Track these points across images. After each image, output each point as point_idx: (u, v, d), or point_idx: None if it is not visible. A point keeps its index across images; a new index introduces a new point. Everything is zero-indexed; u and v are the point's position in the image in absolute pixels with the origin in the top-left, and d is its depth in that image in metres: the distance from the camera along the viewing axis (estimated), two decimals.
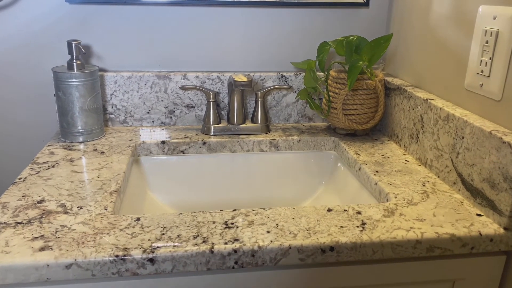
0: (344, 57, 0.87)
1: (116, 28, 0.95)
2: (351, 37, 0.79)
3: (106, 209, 0.64)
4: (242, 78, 0.83)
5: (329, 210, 0.65)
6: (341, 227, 0.60)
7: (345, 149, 0.89)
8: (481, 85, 0.69)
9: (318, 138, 0.95)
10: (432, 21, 0.84)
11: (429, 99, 0.80)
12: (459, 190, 0.71)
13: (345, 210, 0.65)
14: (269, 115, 1.02)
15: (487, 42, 0.67)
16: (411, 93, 0.85)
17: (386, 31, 1.03)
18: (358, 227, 0.60)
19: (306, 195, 0.96)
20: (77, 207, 0.64)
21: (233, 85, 0.85)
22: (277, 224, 0.60)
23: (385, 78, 0.97)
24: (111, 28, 0.95)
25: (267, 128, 0.97)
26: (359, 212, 0.64)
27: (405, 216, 0.64)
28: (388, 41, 0.78)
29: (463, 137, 0.69)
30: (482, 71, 0.69)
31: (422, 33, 0.88)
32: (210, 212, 0.63)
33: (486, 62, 0.68)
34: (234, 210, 0.64)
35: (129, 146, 0.87)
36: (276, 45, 1.01)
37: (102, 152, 0.84)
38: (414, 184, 0.74)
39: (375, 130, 1.00)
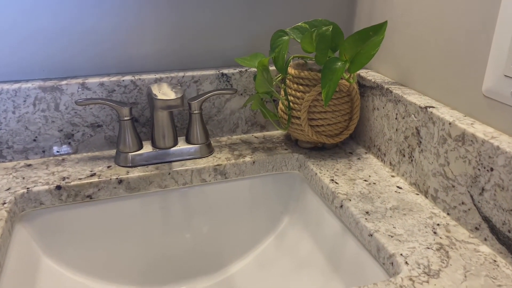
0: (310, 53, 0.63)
1: None
2: (324, 28, 0.54)
3: None
4: (168, 95, 0.56)
5: None
6: None
7: (316, 173, 0.67)
8: None
9: (277, 156, 0.72)
10: None
11: (429, 107, 0.59)
12: (485, 239, 0.51)
13: None
14: (209, 128, 0.77)
15: None
16: (399, 96, 0.64)
17: (355, 7, 0.79)
18: None
19: (267, 233, 0.73)
20: None
21: (155, 105, 0.58)
22: None
23: (358, 72, 0.74)
24: None
25: (208, 148, 0.71)
26: None
27: None
28: (380, 33, 0.54)
29: (492, 169, 0.49)
30: None
31: (408, 8, 0.65)
32: None
33: None
34: None
35: (4, 203, 0.58)
36: (210, 31, 0.73)
37: None
38: (422, 231, 0.53)
39: (347, 138, 0.78)
